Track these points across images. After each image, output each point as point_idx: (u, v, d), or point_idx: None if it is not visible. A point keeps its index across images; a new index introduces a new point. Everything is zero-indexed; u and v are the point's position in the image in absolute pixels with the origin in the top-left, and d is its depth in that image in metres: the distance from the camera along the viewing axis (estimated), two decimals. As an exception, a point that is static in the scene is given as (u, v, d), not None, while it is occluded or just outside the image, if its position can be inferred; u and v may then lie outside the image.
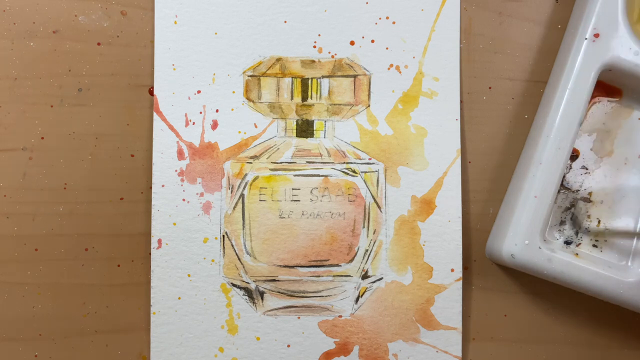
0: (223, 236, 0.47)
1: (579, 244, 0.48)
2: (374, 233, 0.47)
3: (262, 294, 0.47)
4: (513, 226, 0.45)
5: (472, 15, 0.49)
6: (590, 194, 0.48)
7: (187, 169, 0.47)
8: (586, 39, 0.45)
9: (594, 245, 0.48)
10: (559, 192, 0.47)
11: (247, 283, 0.47)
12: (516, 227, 0.45)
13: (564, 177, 0.48)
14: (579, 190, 0.48)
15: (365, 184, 0.47)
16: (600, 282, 0.45)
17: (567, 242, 0.48)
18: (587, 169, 0.48)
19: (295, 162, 0.47)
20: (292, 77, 0.47)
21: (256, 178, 0.47)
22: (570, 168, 0.48)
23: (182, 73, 0.47)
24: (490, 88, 0.49)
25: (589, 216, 0.48)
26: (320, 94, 0.47)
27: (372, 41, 0.48)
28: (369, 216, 0.47)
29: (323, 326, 0.47)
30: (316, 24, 0.48)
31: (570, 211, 0.48)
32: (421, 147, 0.48)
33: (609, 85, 0.48)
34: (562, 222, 0.48)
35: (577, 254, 0.47)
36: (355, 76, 0.48)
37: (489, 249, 0.47)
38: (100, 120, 0.47)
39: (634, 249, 0.47)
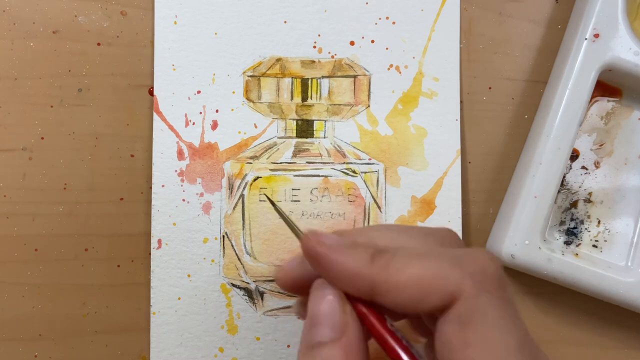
0: (223, 236, 0.47)
1: (579, 244, 0.48)
2: (374, 233, 0.47)
3: (262, 294, 0.47)
4: (513, 226, 0.45)
5: (472, 15, 0.49)
6: (590, 194, 0.48)
7: (187, 169, 0.47)
8: (586, 39, 0.45)
9: (594, 246, 0.48)
10: (559, 192, 0.47)
11: (247, 283, 0.47)
12: (516, 227, 0.45)
13: (564, 177, 0.48)
14: (578, 191, 0.48)
15: (365, 184, 0.47)
16: (600, 282, 0.45)
17: (567, 243, 0.48)
18: (587, 169, 0.48)
19: (295, 163, 0.47)
20: (292, 78, 0.47)
21: (256, 178, 0.47)
22: (570, 168, 0.48)
23: (182, 73, 0.47)
24: (490, 88, 0.49)
25: (589, 216, 0.48)
26: (320, 94, 0.47)
27: (372, 41, 0.48)
28: (369, 216, 0.47)
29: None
30: (316, 24, 0.48)
31: (570, 211, 0.48)
32: (421, 147, 0.48)
33: (609, 85, 0.48)
34: (562, 222, 0.48)
35: (577, 254, 0.47)
36: (355, 76, 0.48)
37: (489, 249, 0.47)
38: (100, 120, 0.47)
39: (634, 249, 0.47)
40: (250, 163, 0.47)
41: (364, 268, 0.30)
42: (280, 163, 0.47)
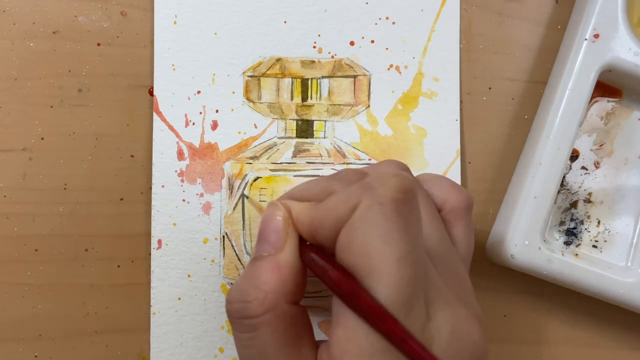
0: (223, 237, 0.47)
1: (579, 244, 0.48)
2: (374, 233, 0.47)
3: (262, 294, 0.47)
4: (513, 226, 0.45)
5: (472, 15, 0.49)
6: (590, 194, 0.48)
7: (187, 170, 0.47)
8: (586, 39, 0.45)
9: (594, 246, 0.48)
10: (558, 192, 0.47)
11: (247, 283, 0.47)
12: (516, 227, 0.45)
13: (563, 177, 0.48)
14: (578, 191, 0.48)
15: (365, 184, 0.47)
16: (600, 282, 0.45)
17: (567, 243, 0.48)
18: (586, 169, 0.48)
19: (295, 163, 0.47)
20: (292, 78, 0.47)
21: (256, 178, 0.47)
22: (570, 168, 0.48)
23: (182, 73, 0.47)
24: (490, 88, 0.49)
25: (588, 217, 0.48)
26: (320, 94, 0.47)
27: (372, 41, 0.48)
28: (368, 216, 0.47)
29: (323, 326, 0.47)
30: (316, 24, 0.48)
31: (570, 212, 0.48)
32: (421, 147, 0.48)
33: (609, 86, 0.48)
34: (561, 223, 0.48)
35: (577, 254, 0.47)
36: (355, 76, 0.48)
37: (489, 249, 0.47)
38: (100, 120, 0.47)
39: (634, 249, 0.47)
40: (251, 163, 0.47)
41: (306, 211, 0.35)
42: (281, 163, 0.47)
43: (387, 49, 0.48)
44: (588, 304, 0.48)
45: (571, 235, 0.48)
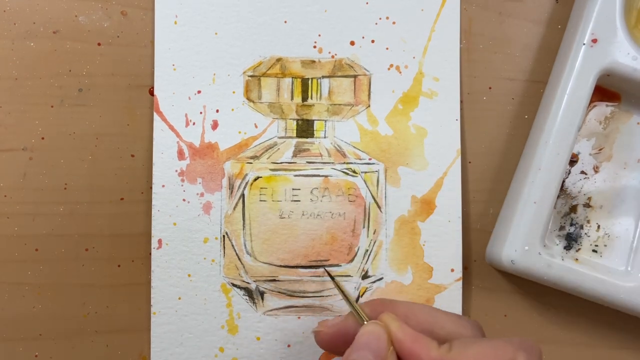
0: (223, 236, 0.47)
1: (579, 249, 0.48)
2: (374, 233, 0.47)
3: (262, 294, 0.47)
4: (512, 232, 0.45)
5: (472, 15, 0.49)
6: (589, 198, 0.48)
7: (188, 169, 0.47)
8: (584, 44, 0.45)
9: (594, 251, 0.48)
10: (558, 197, 0.47)
11: (248, 283, 0.47)
12: (516, 232, 0.45)
13: (563, 182, 0.48)
14: (577, 196, 0.48)
15: (366, 184, 0.47)
16: (600, 287, 0.45)
17: (567, 248, 0.48)
18: (586, 173, 0.48)
19: (295, 162, 0.47)
20: (292, 77, 0.47)
21: (256, 178, 0.47)
22: (570, 173, 0.48)
23: (182, 73, 0.47)
24: (490, 88, 0.49)
25: (588, 221, 0.48)
26: (321, 94, 0.47)
27: (372, 41, 0.48)
28: (369, 216, 0.47)
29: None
30: (316, 24, 0.47)
31: (570, 216, 0.48)
32: (421, 147, 0.48)
33: (608, 90, 0.48)
34: (561, 228, 0.48)
35: (576, 259, 0.47)
36: (355, 76, 0.48)
37: (489, 254, 0.47)
38: (100, 120, 0.47)
39: (634, 254, 0.47)
40: (251, 163, 0.47)
41: (432, 352, 0.35)
42: (281, 163, 0.47)
43: (387, 48, 0.48)
44: (588, 304, 0.48)
45: (571, 240, 0.48)
